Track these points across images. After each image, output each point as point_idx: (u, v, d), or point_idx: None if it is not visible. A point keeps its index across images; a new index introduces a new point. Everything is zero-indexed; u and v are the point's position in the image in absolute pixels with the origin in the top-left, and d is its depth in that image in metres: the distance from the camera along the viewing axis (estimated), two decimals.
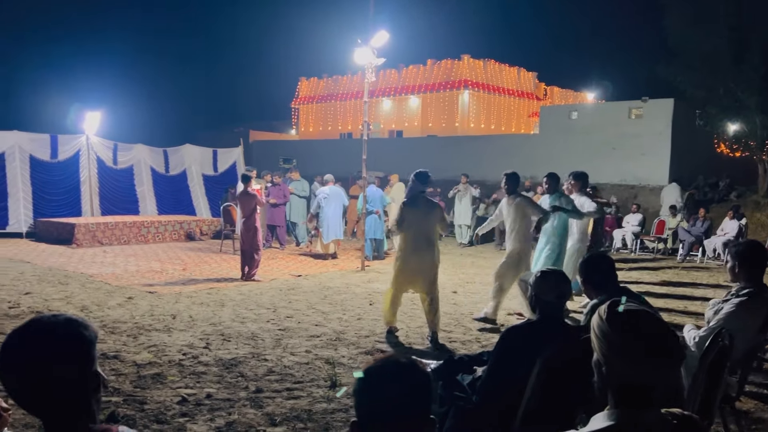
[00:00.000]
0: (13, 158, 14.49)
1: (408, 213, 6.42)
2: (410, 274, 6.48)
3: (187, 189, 17.62)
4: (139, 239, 14.39)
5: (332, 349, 5.97)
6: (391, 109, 32.82)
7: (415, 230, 6.40)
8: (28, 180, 14.69)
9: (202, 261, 11.79)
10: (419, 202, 6.45)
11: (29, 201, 14.62)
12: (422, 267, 6.44)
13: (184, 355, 5.65)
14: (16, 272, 9.77)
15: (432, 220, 6.43)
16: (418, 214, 6.39)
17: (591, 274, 3.30)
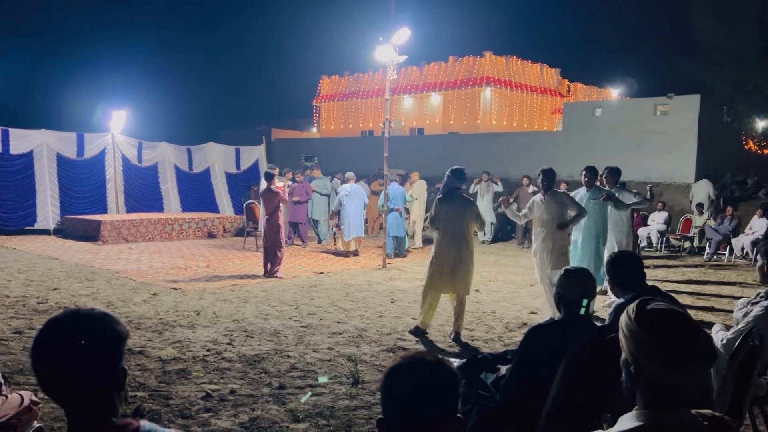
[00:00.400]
0: (41, 156, 14.76)
1: (443, 210, 6.34)
2: (445, 274, 6.36)
3: (210, 187, 17.79)
4: (164, 236, 14.57)
5: (354, 347, 5.98)
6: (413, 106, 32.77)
7: (450, 228, 6.31)
8: (56, 178, 14.96)
9: (225, 258, 11.90)
10: (455, 199, 6.36)
11: (56, 198, 14.89)
12: (457, 266, 6.32)
13: (208, 351, 5.71)
14: (45, 268, 9.96)
15: (467, 218, 6.33)
16: (454, 211, 6.31)
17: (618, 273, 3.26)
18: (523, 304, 8.10)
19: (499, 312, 7.69)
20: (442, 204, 6.35)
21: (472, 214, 6.38)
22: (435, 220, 6.38)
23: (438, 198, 6.47)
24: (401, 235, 12.64)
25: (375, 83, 33.51)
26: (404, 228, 12.73)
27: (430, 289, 6.44)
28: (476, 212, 6.45)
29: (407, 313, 7.53)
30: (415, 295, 8.62)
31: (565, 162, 18.37)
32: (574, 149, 19.11)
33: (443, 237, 6.35)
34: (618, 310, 3.12)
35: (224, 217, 16.28)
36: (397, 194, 12.52)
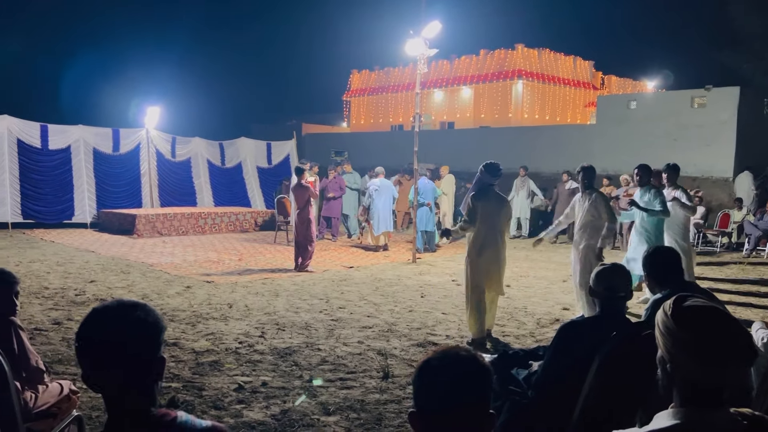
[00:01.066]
0: (78, 152, 15.11)
1: (478, 207, 6.20)
2: (484, 272, 6.23)
3: (242, 181, 18.00)
4: (197, 230, 14.79)
5: (384, 341, 6.00)
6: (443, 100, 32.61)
7: (486, 225, 6.18)
8: (92, 172, 15.29)
9: (256, 252, 12.03)
10: (490, 196, 6.23)
11: (93, 192, 15.23)
12: (494, 265, 6.20)
13: (240, 343, 5.78)
14: (82, 261, 10.20)
15: (502, 215, 6.23)
16: (489, 207, 6.18)
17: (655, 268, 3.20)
18: (555, 299, 8.02)
19: (530, 308, 7.63)
20: (477, 201, 6.20)
21: (507, 212, 6.29)
22: (472, 218, 6.21)
23: (471, 195, 6.32)
24: (431, 230, 12.61)
25: (405, 77, 33.42)
26: (434, 222, 12.69)
27: (473, 291, 6.21)
28: (510, 211, 6.36)
29: (437, 308, 7.52)
30: (444, 290, 8.62)
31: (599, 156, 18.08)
32: (608, 143, 18.81)
33: (479, 235, 6.21)
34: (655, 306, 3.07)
35: (256, 211, 16.46)
36: (427, 189, 12.48)
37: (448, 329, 6.53)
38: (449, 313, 7.22)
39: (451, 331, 6.44)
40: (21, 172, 14.26)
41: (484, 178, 6.25)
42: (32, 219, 14.29)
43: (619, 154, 17.60)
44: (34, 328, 6.00)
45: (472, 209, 6.20)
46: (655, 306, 3.09)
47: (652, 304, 3.12)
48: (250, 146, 18.30)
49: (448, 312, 7.29)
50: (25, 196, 14.26)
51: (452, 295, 8.32)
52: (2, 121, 14.17)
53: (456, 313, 7.23)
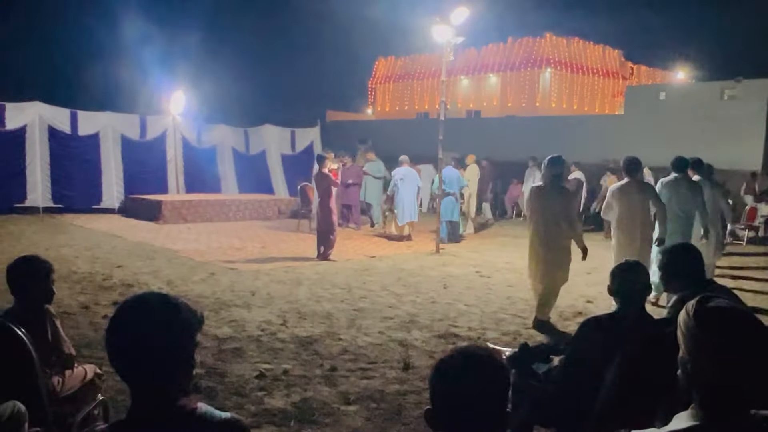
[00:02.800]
0: (106, 138, 15.32)
1: (537, 200, 6.37)
2: (547, 265, 6.40)
3: (266, 168, 18.11)
4: (221, 217, 14.95)
5: (405, 332, 6.03)
6: (469, 88, 32.37)
7: (545, 219, 6.32)
8: (120, 158, 15.50)
9: (279, 239, 12.12)
10: (551, 189, 6.36)
11: (120, 179, 15.45)
12: (555, 257, 6.35)
13: (262, 331, 5.86)
14: (109, 246, 10.40)
15: (565, 207, 6.33)
16: (548, 201, 6.30)
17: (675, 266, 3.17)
18: (579, 292, 7.96)
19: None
20: (538, 193, 6.39)
21: (570, 205, 6.42)
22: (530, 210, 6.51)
23: (532, 188, 6.55)
24: (455, 220, 12.57)
25: (431, 64, 33.22)
26: (458, 213, 12.66)
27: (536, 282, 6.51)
28: (571, 207, 6.48)
29: (459, 299, 7.52)
30: (467, 282, 8.61)
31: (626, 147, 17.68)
32: (637, 134, 18.53)
33: (539, 230, 6.38)
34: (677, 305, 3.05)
35: (279, 198, 16.56)
36: (452, 178, 12.42)
37: (471, 321, 6.54)
38: (472, 305, 7.22)
39: (474, 323, 6.45)
40: (52, 157, 14.51)
41: (548, 171, 6.41)
42: (62, 204, 14.57)
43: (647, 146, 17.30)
44: (63, 312, 6.15)
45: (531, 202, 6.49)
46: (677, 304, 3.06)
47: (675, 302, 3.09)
48: (274, 133, 18.39)
49: (470, 304, 7.29)
50: (55, 181, 14.52)
51: (475, 286, 8.31)
52: (33, 108, 14.43)
53: (479, 305, 7.23)
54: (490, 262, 10.30)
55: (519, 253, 11.36)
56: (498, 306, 7.22)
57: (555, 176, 6.39)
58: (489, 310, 7.00)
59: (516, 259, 10.70)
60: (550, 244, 6.33)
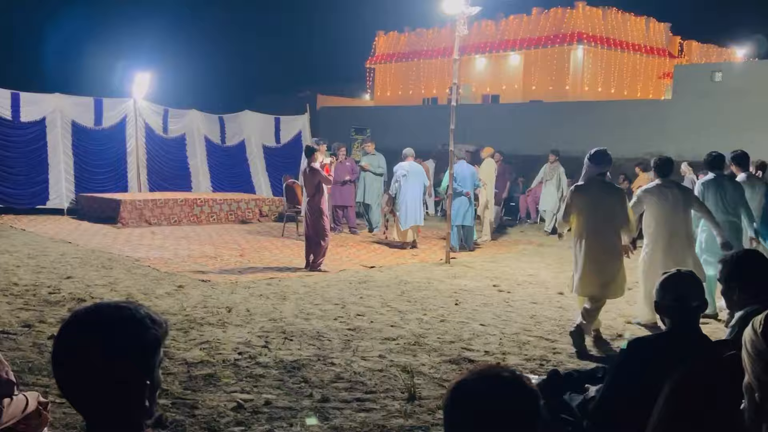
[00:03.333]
0: (54, 125, 15.29)
1: (579, 201, 6.46)
2: (595, 277, 6.49)
3: (245, 163, 18.12)
4: (191, 219, 14.95)
5: (410, 355, 6.01)
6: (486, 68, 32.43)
7: (592, 222, 6.43)
8: (70, 150, 15.48)
9: (261, 246, 12.11)
10: (595, 187, 6.47)
11: (71, 174, 15.42)
12: (606, 268, 6.44)
13: (241, 354, 5.84)
14: (57, 254, 10.38)
15: (614, 210, 6.44)
16: (594, 202, 6.41)
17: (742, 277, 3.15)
18: (618, 311, 7.94)
19: None
20: (579, 194, 6.48)
21: (620, 205, 6.49)
22: (566, 212, 6.58)
23: (573, 187, 6.66)
24: (469, 224, 12.56)
25: (441, 41, 33.28)
26: (473, 216, 12.64)
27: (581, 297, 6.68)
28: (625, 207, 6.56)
29: (474, 317, 7.50)
30: (483, 297, 8.59)
31: (674, 138, 17.86)
32: (687, 122, 18.53)
33: (584, 234, 6.47)
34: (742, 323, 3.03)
35: (261, 198, 16.57)
36: (466, 175, 12.40)
37: (488, 344, 6.51)
38: (489, 325, 7.19)
39: (491, 347, 6.42)
40: None
41: (591, 169, 6.54)
42: (1, 203, 14.56)
43: (699, 136, 17.33)
44: (1, 331, 6.12)
45: (568, 204, 6.56)
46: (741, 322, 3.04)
47: (739, 320, 3.07)
48: (255, 121, 18.41)
49: (487, 323, 7.27)
50: None
51: (493, 303, 8.29)
52: None
53: (497, 325, 7.20)
54: (510, 275, 10.27)
55: (544, 264, 11.39)
56: (520, 326, 7.20)
57: (601, 174, 6.53)
58: (509, 331, 6.97)
59: (541, 271, 10.69)
60: (600, 252, 6.44)
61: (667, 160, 7.29)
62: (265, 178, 18.23)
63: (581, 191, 6.51)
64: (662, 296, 3.08)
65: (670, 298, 3.04)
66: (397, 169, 12.54)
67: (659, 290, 3.11)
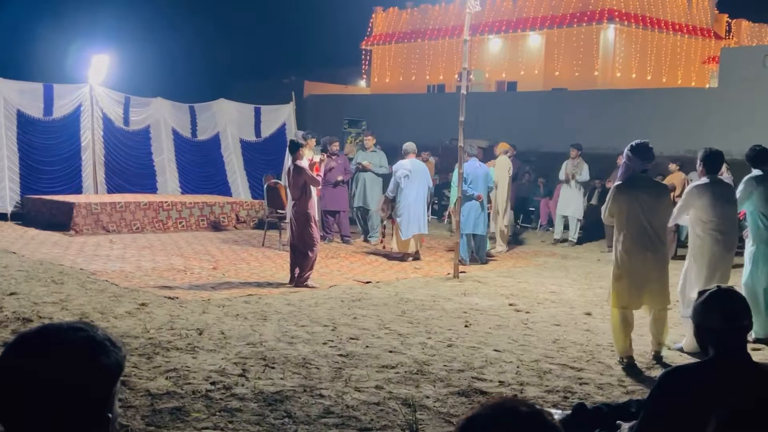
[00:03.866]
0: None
1: (623, 200, 6.74)
2: (636, 285, 6.81)
3: (220, 160, 18.12)
4: (157, 226, 14.94)
5: (412, 386, 6.00)
6: (502, 51, 32.46)
7: (635, 223, 6.71)
8: (15, 144, 15.47)
9: (238, 258, 12.12)
10: (640, 185, 6.76)
11: (15, 172, 15.41)
12: (650, 273, 6.78)
13: (213, 384, 5.82)
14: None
15: (661, 209, 6.79)
16: (639, 201, 6.69)
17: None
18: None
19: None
20: (622, 193, 6.75)
21: (666, 204, 6.86)
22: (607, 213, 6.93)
23: (615, 185, 6.90)
24: (481, 233, 12.56)
25: (449, 19, 33.33)
26: (485, 223, 12.65)
27: (615, 307, 6.95)
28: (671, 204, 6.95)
29: (487, 342, 7.49)
30: (498, 318, 8.59)
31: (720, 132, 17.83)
32: (735, 114, 18.54)
33: (626, 236, 6.77)
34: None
35: (238, 201, 16.57)
36: (478, 176, 12.41)
37: (503, 373, 6.51)
38: (504, 351, 7.19)
39: (507, 376, 6.42)
40: None
41: (633, 163, 6.79)
42: None
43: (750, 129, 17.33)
44: None
45: (612, 203, 6.83)
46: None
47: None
48: (231, 112, 18.41)
49: (503, 349, 7.26)
50: None
51: (508, 324, 8.28)
52: None
53: (514, 351, 7.20)
54: (530, 292, 10.28)
55: (569, 279, 11.40)
56: (541, 352, 7.19)
57: (645, 170, 6.80)
58: (528, 358, 6.97)
59: (565, 287, 10.69)
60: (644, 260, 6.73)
61: (718, 154, 7.41)
62: (242, 177, 18.22)
63: (625, 190, 6.74)
64: (705, 317, 3.07)
65: (716, 319, 3.03)
66: (398, 168, 12.53)
67: (702, 311, 3.10)
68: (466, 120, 11.23)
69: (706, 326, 3.07)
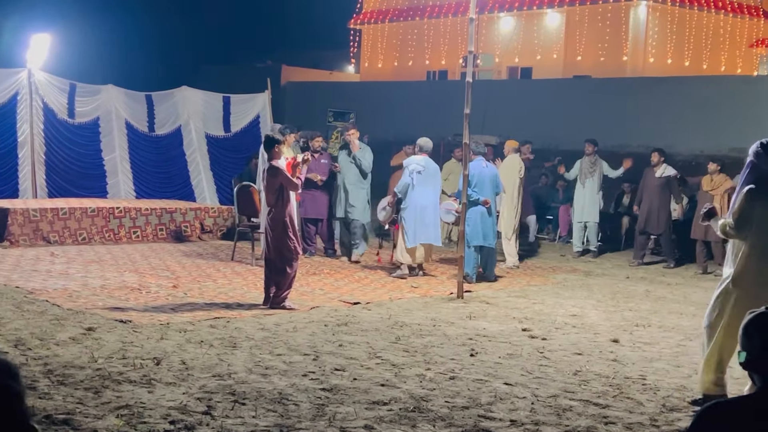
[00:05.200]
0: None
1: (757, 207, 6.67)
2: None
3: (181, 158, 18.06)
4: (107, 237, 14.88)
5: (408, 426, 5.99)
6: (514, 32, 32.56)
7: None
8: None
9: (203, 274, 12.09)
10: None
11: None
12: None
13: (173, 423, 5.80)
14: None
15: None
16: None
17: None
18: (694, 366, 7.95)
19: (652, 378, 7.58)
20: (757, 198, 6.66)
21: None
22: (742, 223, 6.71)
23: (748, 189, 6.75)
24: (490, 245, 12.58)
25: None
26: (494, 234, 12.69)
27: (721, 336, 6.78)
28: None
29: (497, 374, 7.49)
30: (510, 345, 8.57)
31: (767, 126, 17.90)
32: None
33: (756, 252, 6.70)
34: None
35: (203, 207, 16.52)
36: (484, 177, 12.45)
37: (515, 410, 6.50)
38: (517, 384, 7.18)
39: (521, 414, 6.41)
40: None
41: (762, 163, 6.71)
42: None
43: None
44: None
45: (745, 210, 6.70)
46: None
47: None
48: (196, 102, 18.36)
49: (515, 382, 7.25)
50: None
51: (522, 354, 8.27)
52: None
53: (528, 385, 7.19)
54: (546, 315, 10.29)
55: (593, 300, 11.42)
56: (560, 386, 7.19)
57: None
58: (545, 393, 6.96)
59: (588, 310, 10.70)
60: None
61: None
62: (208, 179, 18.15)
63: (761, 195, 6.67)
64: (747, 343, 3.09)
65: (758, 345, 3.05)
66: (410, 163, 12.57)
67: (743, 336, 3.13)
68: (472, 112, 11.25)
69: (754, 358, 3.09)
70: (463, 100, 11.21)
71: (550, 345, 8.71)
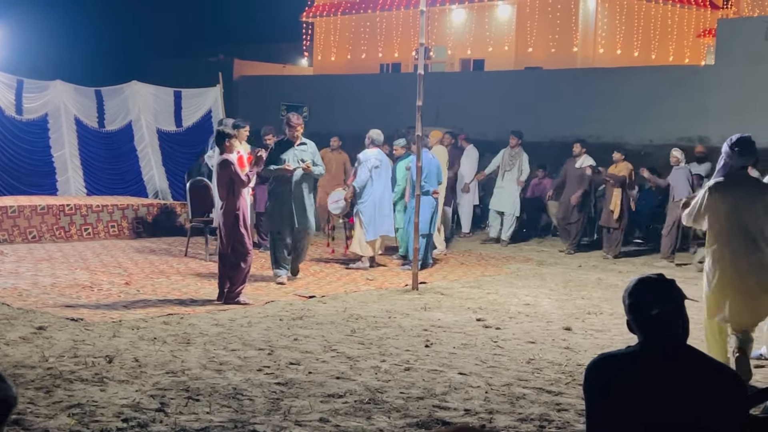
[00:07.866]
0: None
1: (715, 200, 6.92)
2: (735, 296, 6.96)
3: (133, 154, 17.94)
4: (57, 234, 14.75)
5: (363, 418, 6.01)
6: (466, 24, 32.63)
7: (734, 227, 6.90)
8: None
9: (156, 271, 12.04)
10: (739, 184, 6.95)
11: None
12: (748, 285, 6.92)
13: (126, 421, 5.77)
14: None
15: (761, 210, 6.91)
16: (737, 201, 6.89)
17: None
18: None
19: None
20: (721, 194, 6.90)
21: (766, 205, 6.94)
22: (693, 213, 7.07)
23: (713, 184, 7.04)
24: (429, 232, 12.83)
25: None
26: (436, 222, 13.13)
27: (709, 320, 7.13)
28: None
29: (451, 364, 7.53)
30: (464, 336, 8.64)
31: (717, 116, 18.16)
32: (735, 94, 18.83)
33: (722, 242, 7.01)
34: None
35: (156, 203, 16.43)
36: (432, 169, 12.61)
37: (469, 399, 6.55)
38: (471, 374, 7.23)
39: (475, 403, 6.46)
40: None
41: (733, 159, 6.95)
42: None
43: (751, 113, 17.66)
44: None
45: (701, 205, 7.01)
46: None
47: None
48: (147, 96, 18.22)
49: (469, 371, 7.31)
50: None
51: (476, 343, 8.34)
52: None
53: (482, 374, 7.25)
54: (500, 304, 10.38)
55: (546, 289, 11.52)
56: (513, 375, 7.25)
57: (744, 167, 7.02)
58: (498, 382, 7.02)
59: (541, 299, 10.80)
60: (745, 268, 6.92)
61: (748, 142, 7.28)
62: (161, 175, 18.06)
63: (723, 190, 6.89)
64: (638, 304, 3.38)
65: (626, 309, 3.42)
66: (368, 158, 12.65)
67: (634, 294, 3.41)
68: (425, 105, 11.28)
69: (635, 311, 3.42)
70: (416, 92, 11.24)
71: (503, 334, 8.79)
